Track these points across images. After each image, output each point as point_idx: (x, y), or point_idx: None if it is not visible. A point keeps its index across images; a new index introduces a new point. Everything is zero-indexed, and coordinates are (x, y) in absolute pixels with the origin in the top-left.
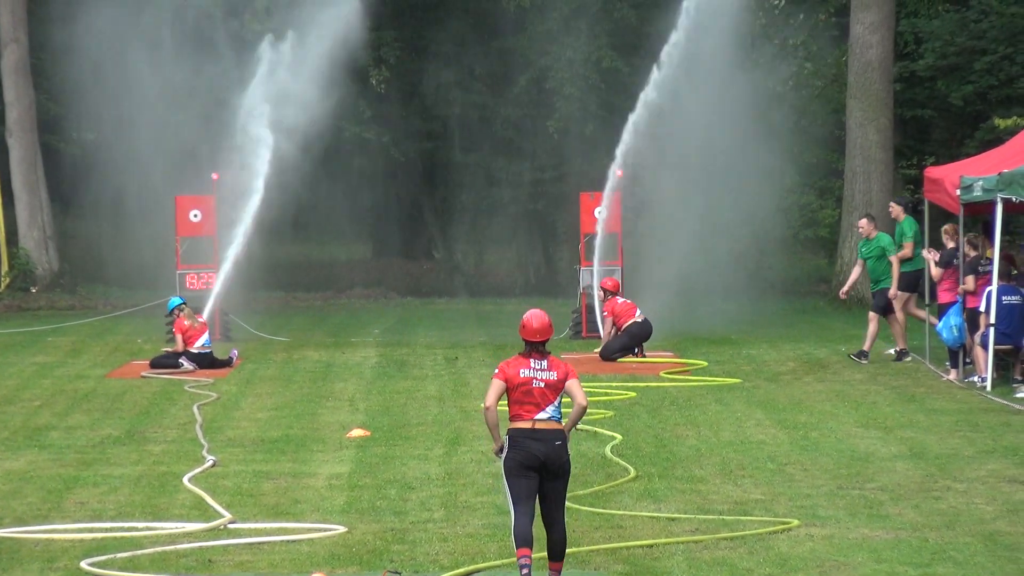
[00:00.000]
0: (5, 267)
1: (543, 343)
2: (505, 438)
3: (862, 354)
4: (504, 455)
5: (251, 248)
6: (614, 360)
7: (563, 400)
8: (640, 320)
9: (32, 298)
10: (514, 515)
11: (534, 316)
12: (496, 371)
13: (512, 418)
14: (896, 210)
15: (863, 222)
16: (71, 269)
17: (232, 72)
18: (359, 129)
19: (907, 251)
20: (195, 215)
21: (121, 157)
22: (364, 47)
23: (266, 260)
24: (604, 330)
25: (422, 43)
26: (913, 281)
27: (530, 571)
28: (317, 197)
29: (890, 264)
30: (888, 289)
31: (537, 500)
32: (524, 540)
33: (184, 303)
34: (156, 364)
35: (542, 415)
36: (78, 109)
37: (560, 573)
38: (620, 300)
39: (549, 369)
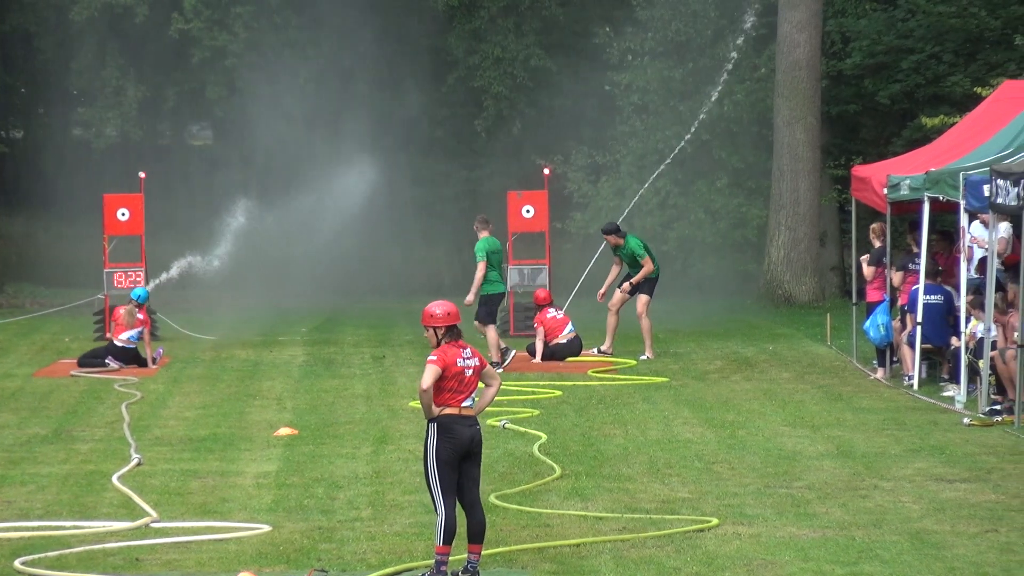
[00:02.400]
0: None
1: (458, 328)
2: (431, 425)
3: (496, 364)
4: (436, 443)
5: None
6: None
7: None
8: (565, 342)
9: None
10: (445, 508)
11: (441, 303)
12: (434, 357)
13: (443, 404)
14: (477, 227)
15: (477, 225)
16: (13, 267)
17: (161, 70)
18: (286, 127)
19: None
20: (123, 214)
21: (50, 156)
22: (290, 47)
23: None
24: (538, 342)
25: (350, 40)
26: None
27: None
28: (245, 195)
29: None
30: (492, 295)
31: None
32: (452, 537)
33: (137, 303)
34: (83, 363)
35: (467, 402)
36: (5, 107)
37: (480, 555)
38: (551, 314)
39: (472, 356)
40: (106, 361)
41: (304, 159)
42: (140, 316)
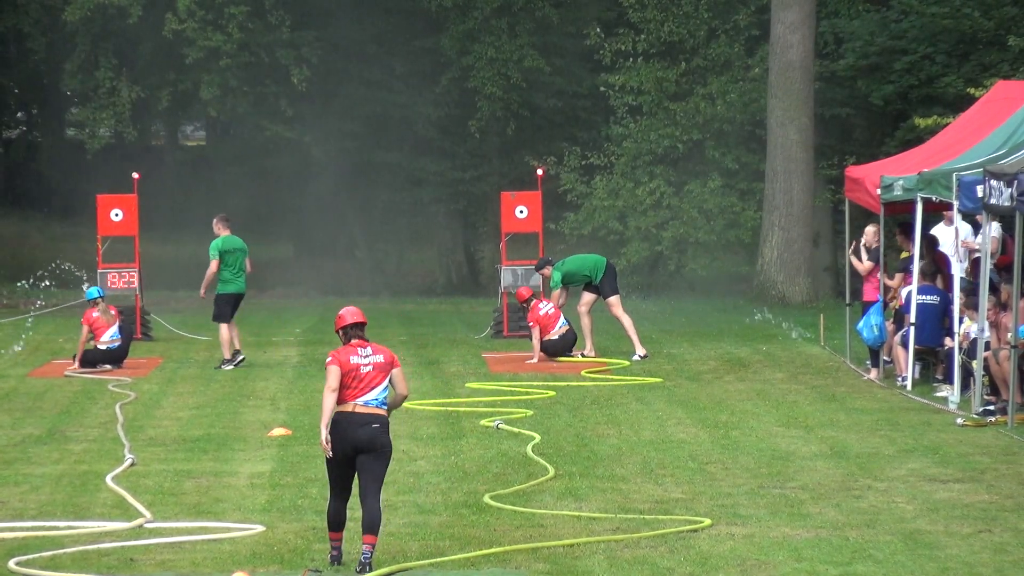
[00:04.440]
0: None
1: (362, 326)
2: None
3: (226, 362)
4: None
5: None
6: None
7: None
8: (557, 337)
9: None
10: (330, 499)
11: (347, 309)
12: (329, 358)
13: (338, 402)
14: (217, 226)
15: (217, 224)
16: (12, 268)
17: (155, 70)
18: (280, 128)
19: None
20: (116, 214)
21: (44, 156)
22: (285, 46)
23: (187, 259)
24: (535, 340)
25: (343, 42)
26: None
27: (340, 553)
28: (238, 196)
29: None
30: (221, 295)
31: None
32: (335, 525)
33: (102, 296)
34: (83, 361)
35: (365, 398)
36: (0, 107)
37: (373, 547)
38: (543, 311)
39: (375, 353)
40: (103, 365)
41: (296, 159)
42: (112, 312)
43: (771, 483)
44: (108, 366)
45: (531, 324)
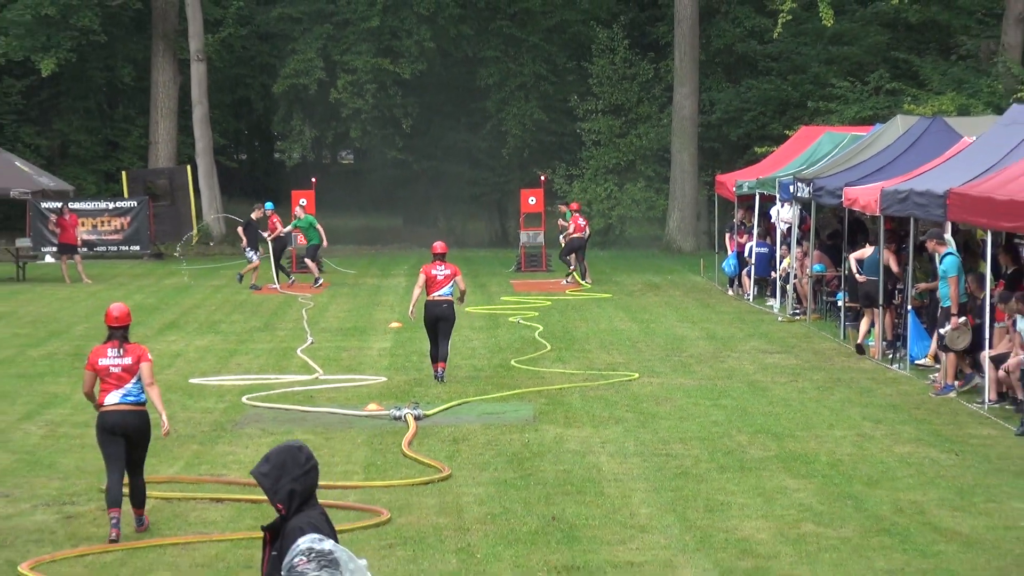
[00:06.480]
0: (196, 231)
1: (443, 255)
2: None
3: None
4: (422, 310)
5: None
6: (567, 262)
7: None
8: (579, 236)
9: (210, 249)
10: (430, 346)
11: (437, 243)
12: (420, 271)
13: (427, 294)
14: (299, 210)
15: (298, 210)
16: (232, 234)
17: (324, 120)
18: (395, 153)
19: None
20: (302, 202)
21: (260, 170)
22: (398, 106)
23: (339, 228)
24: (565, 235)
25: (432, 103)
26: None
27: (437, 373)
28: (372, 191)
29: (317, 231)
30: (314, 245)
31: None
32: (435, 358)
33: (272, 208)
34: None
35: (437, 293)
36: (236, 142)
37: (444, 368)
38: (581, 222)
39: (445, 268)
40: (252, 256)
41: (406, 171)
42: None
43: (673, 353)
44: (260, 255)
45: (570, 222)
